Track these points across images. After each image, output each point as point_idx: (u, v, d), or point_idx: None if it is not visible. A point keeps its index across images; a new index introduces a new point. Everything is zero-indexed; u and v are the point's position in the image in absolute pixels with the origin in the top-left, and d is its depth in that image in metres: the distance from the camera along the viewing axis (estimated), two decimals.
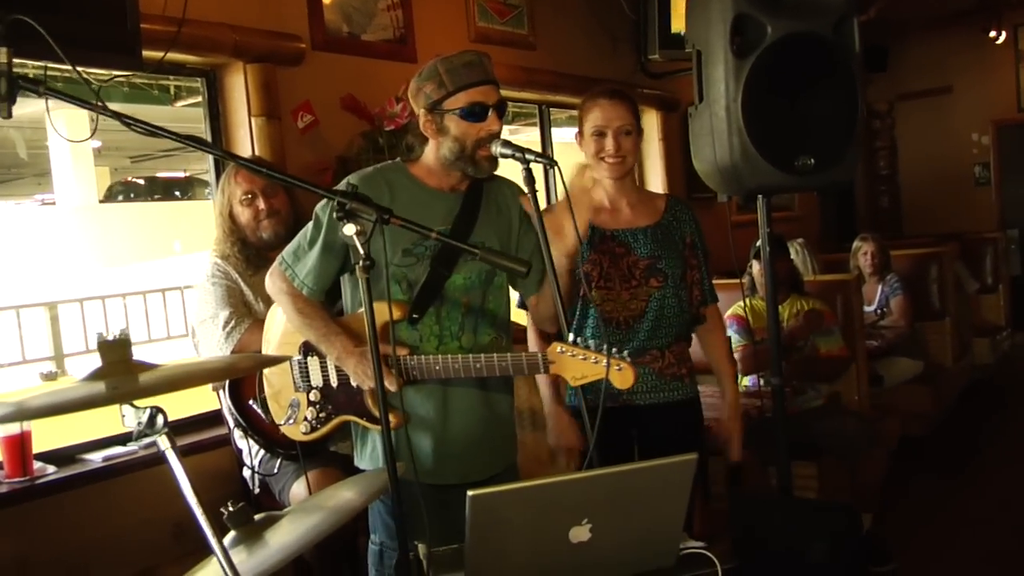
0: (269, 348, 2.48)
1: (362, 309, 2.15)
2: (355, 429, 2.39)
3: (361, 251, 1.62)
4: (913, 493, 4.85)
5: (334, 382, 2.34)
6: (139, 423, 1.42)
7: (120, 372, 1.39)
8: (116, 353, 1.40)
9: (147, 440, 1.45)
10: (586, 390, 2.70)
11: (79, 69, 3.12)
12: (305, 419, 2.37)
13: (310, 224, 2.29)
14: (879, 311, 5.99)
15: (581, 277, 2.38)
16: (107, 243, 11.27)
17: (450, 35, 4.68)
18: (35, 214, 14.93)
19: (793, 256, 5.21)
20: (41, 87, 1.56)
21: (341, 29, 4.05)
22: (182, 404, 3.56)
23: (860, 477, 4.18)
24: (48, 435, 3.11)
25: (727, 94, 2.82)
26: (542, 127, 5.63)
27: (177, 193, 18.12)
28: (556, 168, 2.12)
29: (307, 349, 2.36)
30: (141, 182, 18.75)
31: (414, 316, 2.24)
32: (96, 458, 3.09)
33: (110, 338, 1.40)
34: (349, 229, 1.62)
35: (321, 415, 2.37)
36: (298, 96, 3.78)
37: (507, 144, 2.19)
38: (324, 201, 2.22)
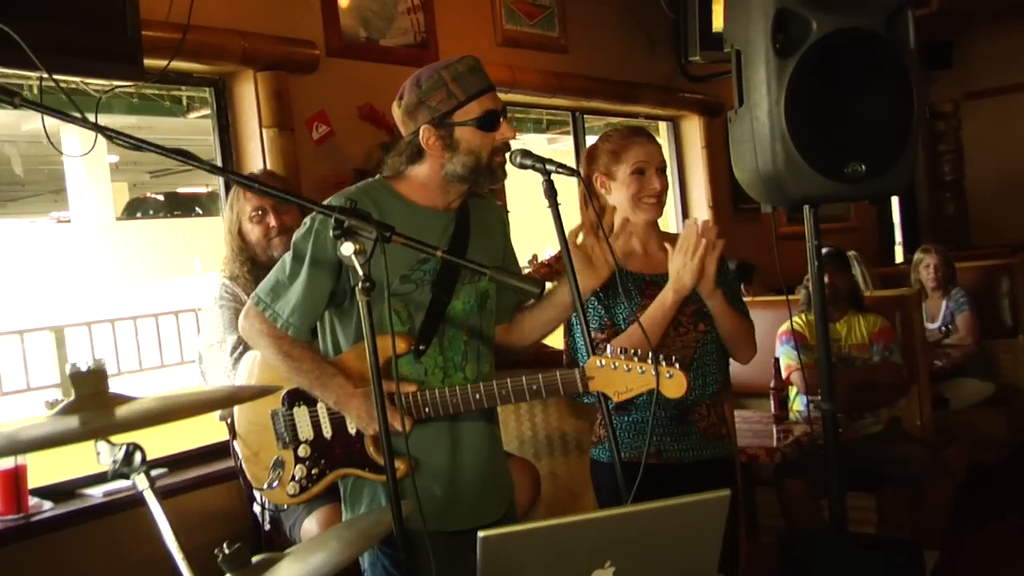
0: (243, 405, 2.33)
1: (355, 347, 2.14)
2: (344, 486, 2.29)
3: (361, 272, 1.57)
4: (983, 528, 4.70)
5: (327, 432, 2.24)
6: (114, 461, 1.37)
7: (95, 406, 1.35)
8: (90, 385, 1.36)
9: (124, 480, 1.39)
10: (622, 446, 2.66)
11: (59, 79, 3.15)
12: (293, 479, 2.24)
13: (287, 257, 2.19)
14: (943, 328, 5.89)
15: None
16: (124, 262, 11.40)
17: (475, 39, 4.66)
18: (49, 232, 15.17)
19: None
20: (16, 98, 1.53)
21: (358, 34, 4.04)
22: (188, 435, 3.57)
23: (923, 510, 4.08)
24: (47, 468, 3.11)
25: (769, 97, 2.76)
26: (576, 135, 5.59)
27: (198, 209, 18.34)
28: (579, 178, 2.07)
29: (292, 400, 2.25)
30: (160, 198, 19.01)
31: (420, 347, 2.17)
32: (97, 493, 3.08)
33: (84, 368, 1.37)
34: (347, 248, 1.58)
35: (313, 472, 2.24)
36: (312, 105, 3.78)
37: (527, 154, 2.15)
38: (304, 231, 2.15)
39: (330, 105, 3.81)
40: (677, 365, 1.97)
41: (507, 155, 2.18)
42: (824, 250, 4.43)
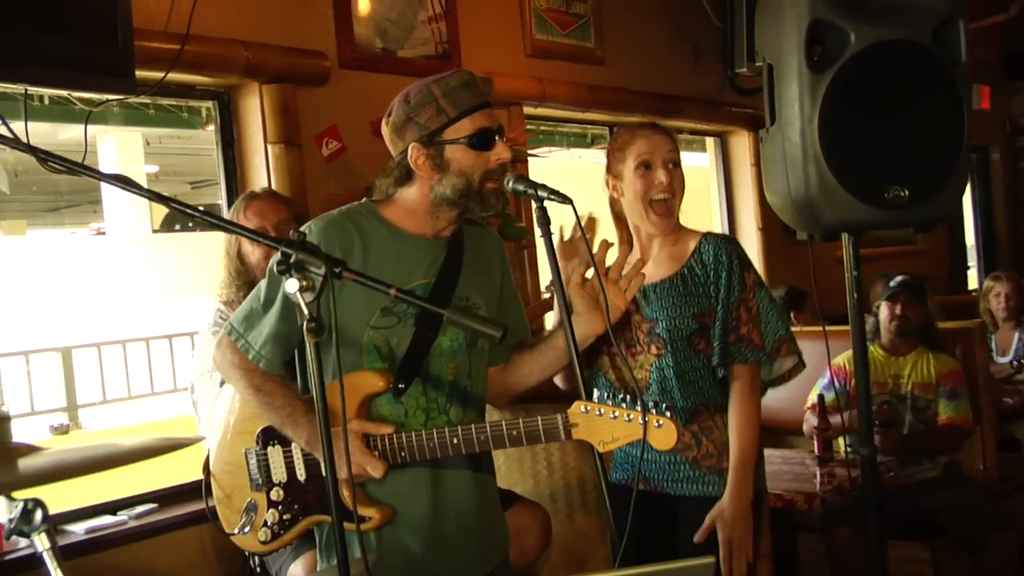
0: (222, 436, 2.28)
1: (334, 381, 2.02)
2: (320, 533, 2.21)
3: (306, 311, 1.49)
4: None
5: (301, 475, 2.16)
6: (10, 519, 1.30)
7: None
8: None
9: (23, 539, 1.31)
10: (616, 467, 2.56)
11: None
12: (265, 524, 2.17)
13: (262, 284, 2.14)
14: (1015, 363, 5.66)
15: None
16: (157, 276, 11.49)
17: (502, 50, 4.59)
18: (83, 245, 15.39)
19: None
20: None
21: (374, 44, 3.99)
22: (185, 466, 3.52)
23: (985, 564, 3.91)
24: None
25: (802, 115, 2.66)
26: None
27: None
28: (572, 205, 1.97)
29: (267, 438, 2.18)
30: (201, 209, 19.14)
31: (400, 386, 2.09)
32: (78, 530, 3.04)
33: None
34: (291, 285, 1.51)
35: (285, 517, 2.17)
36: (323, 120, 3.73)
37: (520, 179, 2.07)
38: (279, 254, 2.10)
39: (342, 120, 3.76)
40: (668, 414, 1.85)
41: (503, 179, 2.09)
42: (899, 278, 4.31)
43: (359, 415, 2.06)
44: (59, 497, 3.28)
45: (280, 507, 2.17)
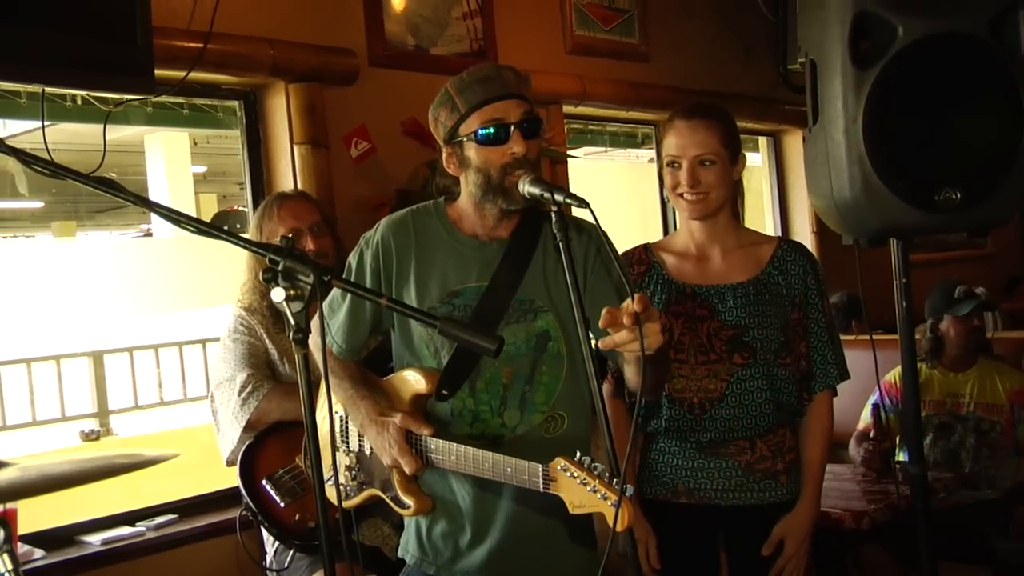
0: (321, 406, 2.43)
1: (404, 373, 2.20)
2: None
3: (292, 321, 1.46)
4: None
5: (368, 449, 2.30)
6: None
7: None
8: None
9: None
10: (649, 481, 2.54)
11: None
12: (340, 483, 2.35)
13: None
14: None
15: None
16: (197, 279, 11.59)
17: (540, 46, 4.54)
18: (125, 247, 15.60)
19: None
20: None
21: (406, 42, 3.97)
22: (206, 477, 3.52)
23: None
24: (44, 513, 3.08)
25: (846, 113, 2.59)
26: (658, 152, 5.41)
27: None
28: (589, 209, 1.92)
29: None
30: (246, 210, 19.35)
31: (443, 392, 2.14)
32: (95, 541, 3.05)
33: None
34: (277, 294, 1.48)
35: (352, 483, 2.35)
36: (351, 120, 3.72)
37: (536, 181, 2.04)
38: (357, 247, 2.24)
39: (372, 120, 3.74)
40: (629, 493, 1.80)
41: (519, 182, 2.07)
42: (961, 288, 4.14)
43: (414, 411, 2.16)
44: (76, 507, 3.32)
45: (351, 472, 2.35)
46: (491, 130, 2.05)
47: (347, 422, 2.35)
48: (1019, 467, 4.03)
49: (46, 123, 2.93)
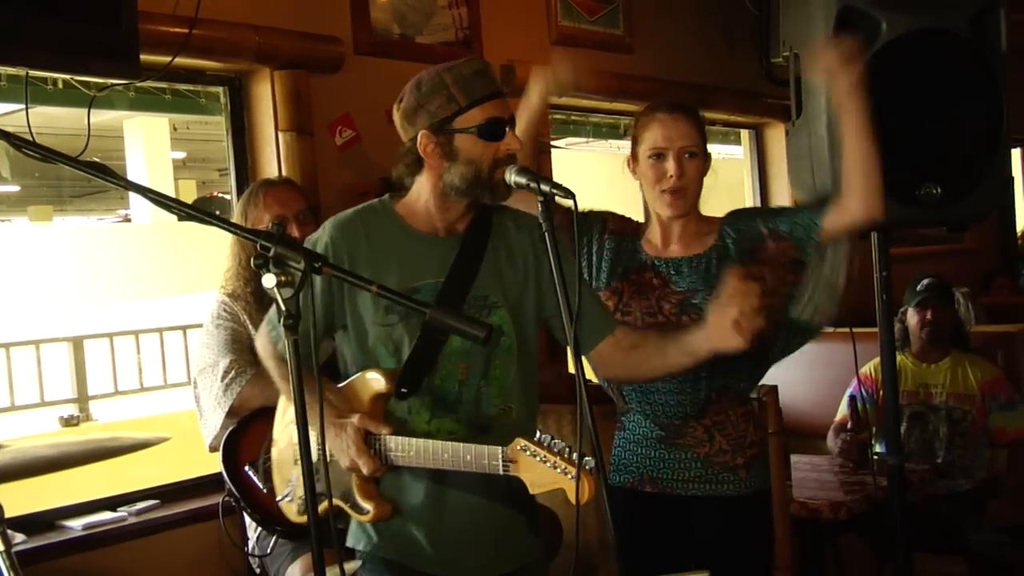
0: (280, 416, 2.39)
1: (364, 374, 2.14)
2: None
3: (283, 307, 1.47)
4: None
5: (329, 457, 2.23)
6: None
7: None
8: None
9: None
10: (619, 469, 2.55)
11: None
12: (300, 497, 2.27)
13: None
14: None
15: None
16: (179, 265, 11.54)
17: (525, 36, 4.54)
18: (101, 233, 15.49)
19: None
20: None
21: (391, 30, 3.96)
22: (188, 462, 3.51)
23: None
24: (26, 497, 3.08)
25: (828, 108, 2.61)
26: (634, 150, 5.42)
27: None
28: (574, 200, 1.94)
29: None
30: (228, 197, 19.26)
31: (403, 390, 2.12)
32: (76, 526, 3.04)
33: None
34: (268, 280, 1.49)
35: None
36: (336, 108, 3.71)
37: (523, 171, 2.06)
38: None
39: (356, 108, 3.73)
40: (589, 466, 1.83)
41: (505, 171, 2.09)
42: (925, 281, 4.21)
43: (374, 412, 2.12)
44: (56, 492, 3.30)
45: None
46: (493, 126, 2.07)
47: (306, 435, 2.29)
48: (992, 458, 4.09)
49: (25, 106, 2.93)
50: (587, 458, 1.84)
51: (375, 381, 2.12)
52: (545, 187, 1.96)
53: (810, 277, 2.45)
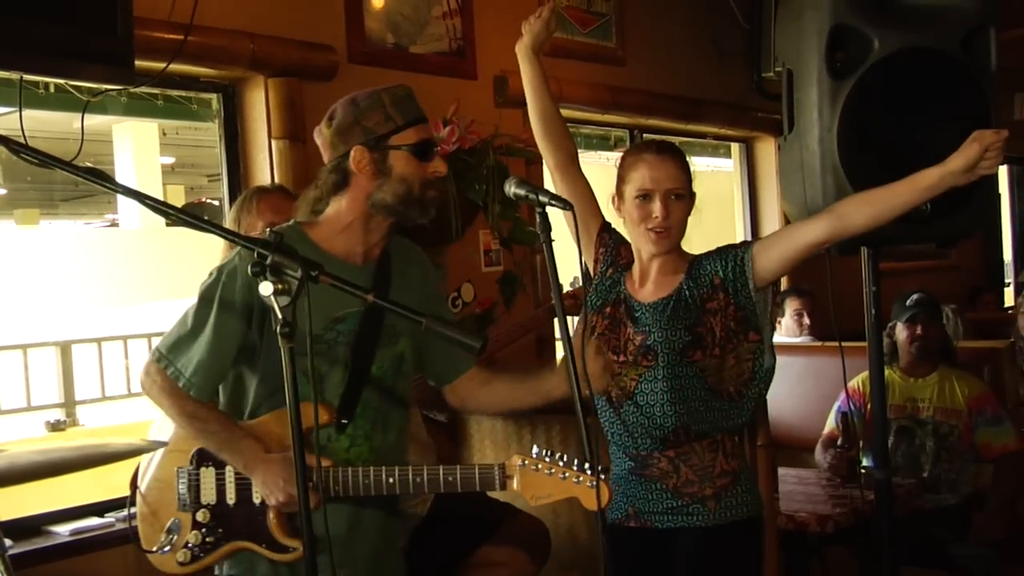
0: (153, 454, 2.32)
1: (277, 411, 2.12)
2: (237, 562, 2.23)
3: (280, 315, 1.47)
4: None
5: (231, 499, 2.19)
6: None
7: None
8: None
9: None
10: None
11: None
12: (186, 545, 2.19)
13: (190, 308, 2.16)
14: None
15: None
16: (167, 270, 11.50)
17: None
18: (88, 238, 15.41)
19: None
20: None
21: (385, 39, 3.98)
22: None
23: None
24: (13, 502, 3.07)
25: (820, 123, 2.64)
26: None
27: None
28: (572, 212, 1.97)
29: (201, 459, 2.21)
30: (216, 203, 19.27)
31: (343, 421, 2.15)
32: (63, 531, 3.04)
33: None
34: (266, 288, 1.49)
35: (208, 540, 2.19)
36: None
37: (522, 183, 2.10)
38: (211, 277, 2.15)
39: None
40: (604, 476, 1.92)
41: (504, 183, 2.16)
42: (914, 296, 4.23)
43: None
44: (43, 497, 3.29)
45: (204, 529, 2.20)
46: (426, 146, 2.16)
47: (198, 478, 2.21)
48: (978, 473, 4.11)
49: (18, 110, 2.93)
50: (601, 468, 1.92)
51: (308, 414, 2.00)
52: (544, 198, 1.99)
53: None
